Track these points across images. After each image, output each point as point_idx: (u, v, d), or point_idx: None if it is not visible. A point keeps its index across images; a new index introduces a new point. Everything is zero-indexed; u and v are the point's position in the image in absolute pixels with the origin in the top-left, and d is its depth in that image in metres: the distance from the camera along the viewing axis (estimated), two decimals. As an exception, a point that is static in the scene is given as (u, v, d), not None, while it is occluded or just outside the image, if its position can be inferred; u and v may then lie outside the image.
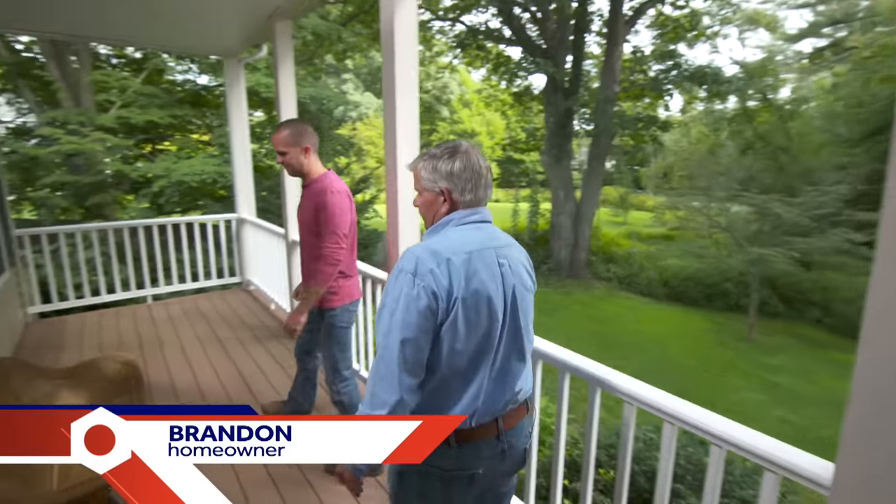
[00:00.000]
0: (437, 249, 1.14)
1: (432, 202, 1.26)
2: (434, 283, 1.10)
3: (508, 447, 1.26)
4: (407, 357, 1.10)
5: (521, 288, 1.23)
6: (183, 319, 4.68)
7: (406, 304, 1.10)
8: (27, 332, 4.30)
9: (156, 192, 8.75)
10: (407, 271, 1.12)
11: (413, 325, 1.10)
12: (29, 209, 10.57)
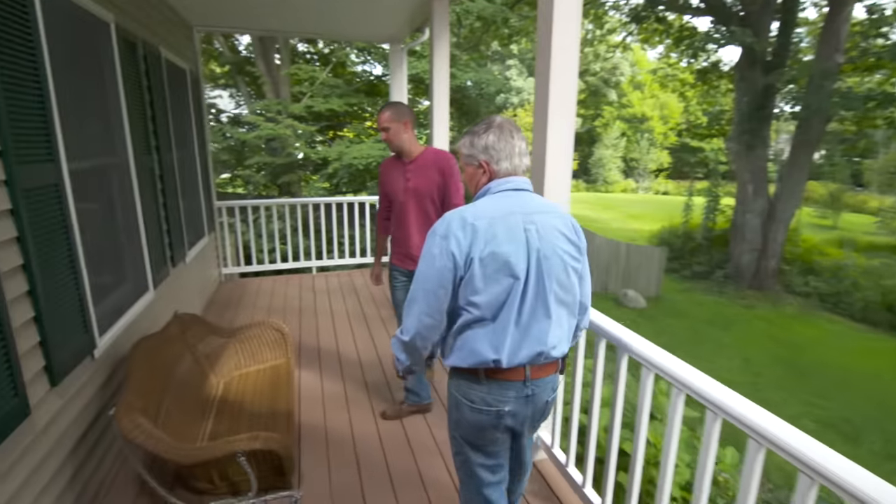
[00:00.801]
0: (465, 215, 1.31)
1: (473, 175, 1.44)
2: (455, 245, 1.27)
3: (532, 394, 1.39)
4: (429, 302, 1.33)
5: (551, 252, 1.33)
6: (338, 292, 5.03)
7: (431, 261, 1.31)
8: (218, 289, 5.06)
9: (330, 174, 9.73)
10: (437, 234, 1.32)
11: (434, 279, 1.31)
12: (239, 184, 12.68)
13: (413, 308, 1.37)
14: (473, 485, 1.52)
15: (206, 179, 4.85)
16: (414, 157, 2.54)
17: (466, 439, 1.46)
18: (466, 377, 1.38)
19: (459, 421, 1.44)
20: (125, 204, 2.75)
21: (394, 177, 2.59)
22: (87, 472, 2.03)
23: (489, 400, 1.36)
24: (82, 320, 2.02)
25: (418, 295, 1.35)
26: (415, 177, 2.51)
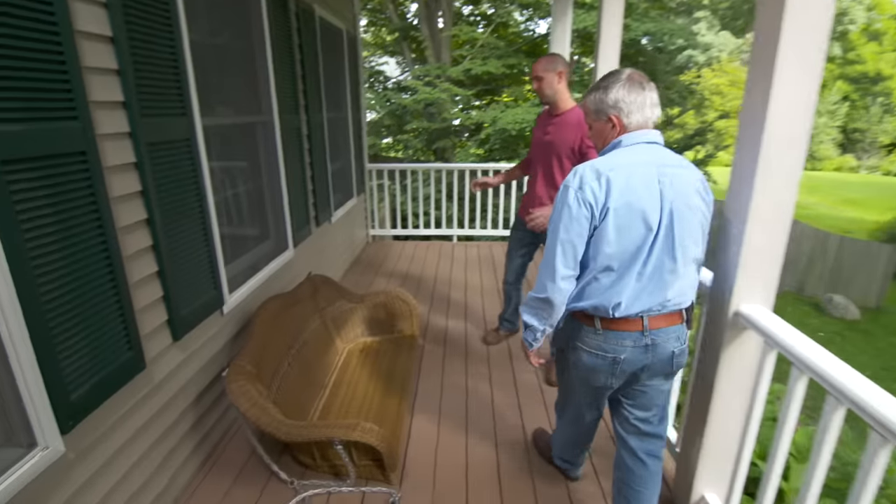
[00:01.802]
0: (599, 167, 1.33)
1: (602, 130, 1.44)
2: (591, 195, 1.30)
3: (652, 344, 1.40)
4: (565, 253, 1.36)
5: (683, 206, 1.32)
6: (475, 264, 4.78)
7: (567, 213, 1.33)
8: (364, 250, 5.20)
9: (482, 139, 9.46)
10: (570, 186, 1.34)
11: (571, 229, 1.34)
12: (399, 148, 13.24)
13: (550, 262, 1.38)
14: (572, 419, 1.71)
15: (358, 141, 4.93)
16: (561, 112, 2.47)
17: (578, 378, 1.54)
18: (583, 323, 1.44)
19: (576, 363, 1.50)
20: (267, 163, 2.78)
21: (539, 129, 2.59)
22: (208, 424, 2.09)
23: (605, 347, 1.41)
24: (211, 277, 2.03)
25: (555, 247, 1.36)
26: (554, 131, 2.47)
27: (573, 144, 2.40)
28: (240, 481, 1.98)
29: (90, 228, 1.38)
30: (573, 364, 1.52)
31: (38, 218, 1.21)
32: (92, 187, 1.38)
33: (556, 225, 1.36)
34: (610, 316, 1.37)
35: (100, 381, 1.41)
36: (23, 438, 1.22)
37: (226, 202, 2.39)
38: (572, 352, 1.50)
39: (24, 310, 1.17)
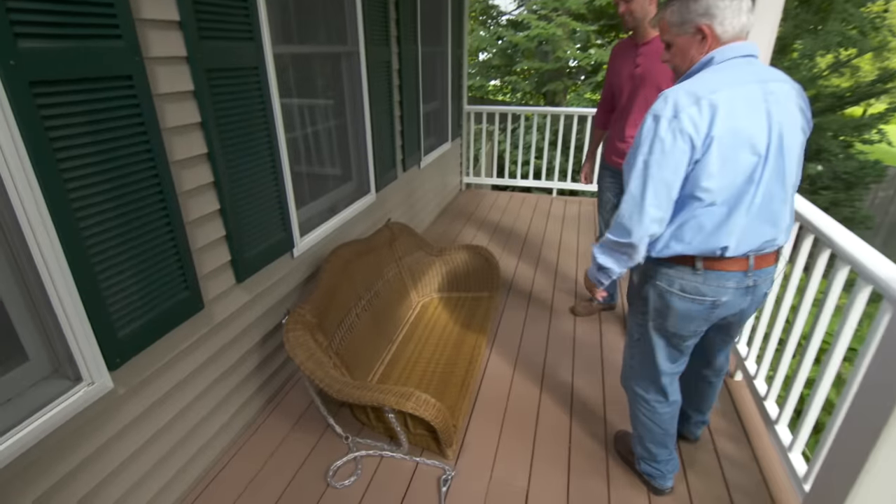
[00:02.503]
0: (695, 90, 1.14)
1: (687, 46, 1.24)
2: (690, 124, 1.12)
3: (753, 286, 1.30)
4: (657, 193, 1.18)
5: (789, 125, 1.18)
6: (573, 223, 4.34)
7: (660, 147, 1.15)
8: (455, 199, 4.98)
9: (599, 81, 8.51)
10: (662, 116, 1.14)
11: (664, 166, 1.15)
12: (507, 91, 12.55)
13: (637, 202, 1.21)
14: (650, 374, 1.51)
15: (457, 81, 4.59)
16: (649, 39, 2.15)
17: (663, 329, 1.40)
18: (678, 267, 1.29)
19: (661, 311, 1.36)
20: (351, 99, 2.60)
21: (621, 62, 2.27)
22: (272, 367, 2.07)
23: (704, 290, 1.29)
24: (280, 218, 1.94)
25: (644, 186, 1.19)
26: (646, 62, 2.14)
27: (672, 75, 1.96)
28: (299, 427, 1.96)
29: (139, 161, 1.29)
30: (657, 312, 1.38)
31: (75, 147, 1.13)
32: (141, 116, 1.27)
33: (646, 160, 1.18)
34: (718, 256, 1.24)
35: (151, 321, 1.37)
36: (70, 372, 1.21)
37: (301, 140, 2.26)
38: (658, 299, 1.35)
39: (62, 242, 1.11)
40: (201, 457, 1.70)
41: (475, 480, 1.72)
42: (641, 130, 1.18)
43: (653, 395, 1.53)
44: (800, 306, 1.74)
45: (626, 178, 1.23)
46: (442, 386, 2.04)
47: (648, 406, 1.55)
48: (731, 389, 2.20)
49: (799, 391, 1.73)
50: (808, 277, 1.71)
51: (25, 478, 1.12)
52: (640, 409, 1.57)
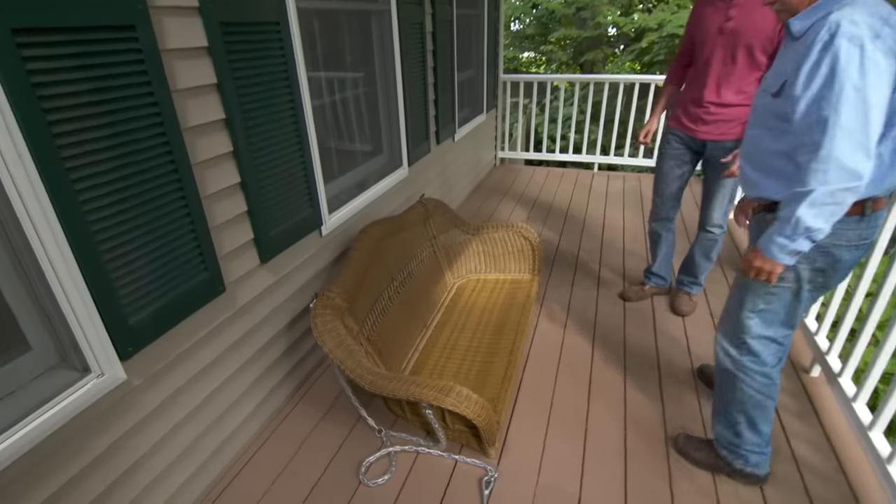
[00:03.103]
0: (876, 10, 1.07)
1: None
2: (891, 44, 1.05)
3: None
4: (878, 122, 1.07)
5: None
6: (618, 199, 4.06)
7: (875, 69, 1.04)
8: (490, 174, 4.74)
9: (643, 49, 7.98)
10: (862, 36, 1.04)
11: (880, 88, 1.05)
12: (541, 62, 12.04)
13: (860, 135, 1.06)
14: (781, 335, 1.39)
15: (493, 47, 4.30)
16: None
17: (822, 288, 1.32)
18: (846, 217, 1.18)
19: (825, 269, 1.28)
20: (382, 64, 2.40)
21: (710, 11, 1.95)
22: (301, 351, 1.95)
23: (866, 234, 1.23)
24: (307, 193, 1.78)
25: (867, 115, 1.05)
26: (741, 14, 1.85)
27: (771, 32, 1.81)
28: (330, 417, 1.84)
29: (146, 125, 1.13)
30: (818, 272, 1.27)
31: (69, 108, 0.98)
32: (147, 74, 1.11)
33: (858, 86, 1.05)
34: (880, 195, 1.18)
35: (166, 306, 1.24)
36: (77, 362, 1.10)
37: (329, 108, 2.08)
38: (823, 257, 1.25)
39: (60, 217, 0.98)
40: (226, 449, 1.59)
41: (521, 483, 1.56)
42: (838, 58, 1.06)
43: (774, 359, 1.42)
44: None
45: (821, 116, 1.09)
46: (482, 377, 1.87)
47: (768, 378, 1.43)
48: (808, 387, 1.95)
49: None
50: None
51: (30, 478, 1.01)
52: (755, 386, 1.44)
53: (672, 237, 2.47)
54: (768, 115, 1.27)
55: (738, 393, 1.46)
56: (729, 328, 1.45)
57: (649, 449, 1.68)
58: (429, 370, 1.94)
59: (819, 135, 1.09)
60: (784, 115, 1.21)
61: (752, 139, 1.34)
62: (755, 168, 1.35)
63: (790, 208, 1.15)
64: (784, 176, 1.26)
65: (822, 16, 1.13)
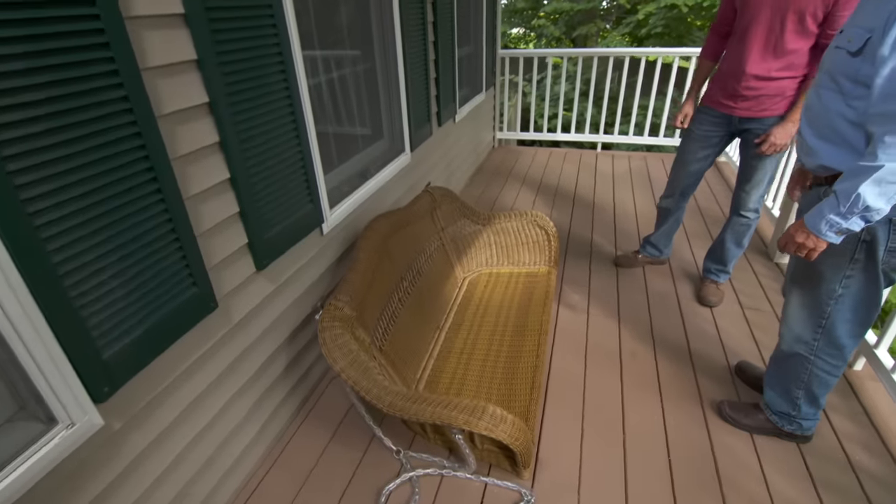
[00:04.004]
0: None
1: None
2: None
3: None
4: None
5: None
6: (625, 180, 3.87)
7: None
8: (490, 156, 4.52)
9: (639, 21, 7.71)
10: None
11: None
12: (531, 39, 11.69)
13: None
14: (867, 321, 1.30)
15: (492, 21, 4.03)
16: None
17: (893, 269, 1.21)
18: None
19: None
20: (380, 37, 2.15)
21: None
22: (305, 364, 1.75)
23: None
24: (305, 187, 1.56)
25: None
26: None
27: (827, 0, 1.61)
28: (340, 437, 1.65)
29: (112, 113, 0.91)
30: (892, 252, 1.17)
31: (16, 92, 0.75)
32: (109, 48, 0.88)
33: None
34: None
35: (148, 333, 1.03)
36: (39, 412, 0.89)
37: (326, 89, 1.85)
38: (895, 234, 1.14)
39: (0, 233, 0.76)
40: (226, 483, 1.40)
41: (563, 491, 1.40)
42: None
43: (852, 343, 1.35)
44: None
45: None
46: (508, 385, 1.70)
47: (843, 361, 1.39)
48: (853, 383, 1.81)
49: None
50: None
51: (-14, 562, 0.81)
52: (825, 367, 1.40)
53: (681, 215, 2.40)
54: (842, 76, 1.11)
55: (805, 375, 1.43)
56: (805, 315, 1.37)
57: (693, 459, 1.53)
58: (447, 381, 1.76)
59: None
60: (863, 78, 1.05)
61: (819, 102, 1.18)
62: (818, 135, 1.20)
63: (852, 182, 1.04)
64: (850, 145, 1.12)
65: None
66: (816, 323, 1.35)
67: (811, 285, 1.33)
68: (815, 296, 1.33)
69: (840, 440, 1.60)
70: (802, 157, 1.29)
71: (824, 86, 1.18)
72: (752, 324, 2.17)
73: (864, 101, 1.07)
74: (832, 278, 1.27)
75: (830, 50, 1.19)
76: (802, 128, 1.27)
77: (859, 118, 1.09)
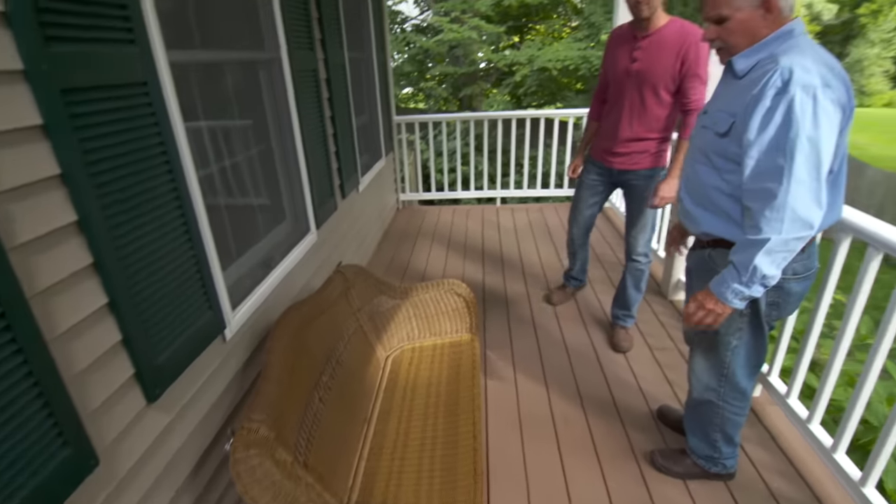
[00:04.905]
0: (823, 58, 1.10)
1: (748, 20, 1.16)
2: (838, 93, 1.07)
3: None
4: (822, 177, 1.08)
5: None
6: (527, 233, 4.07)
7: (826, 119, 1.06)
8: (395, 219, 4.51)
9: (517, 82, 8.46)
10: (815, 86, 1.05)
11: (831, 138, 1.07)
12: (420, 99, 12.25)
13: (814, 186, 1.07)
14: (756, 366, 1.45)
15: (384, 89, 4.13)
16: (653, 31, 1.98)
17: (776, 318, 1.36)
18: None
19: (778, 302, 1.32)
20: (274, 118, 2.06)
21: (619, 53, 2.10)
22: (213, 497, 1.50)
23: (809, 264, 1.28)
24: (202, 294, 1.38)
25: (819, 166, 1.07)
26: (645, 56, 2.01)
27: (672, 72, 1.97)
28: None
29: (-61, 259, 0.71)
30: (773, 305, 1.32)
31: None
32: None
33: (812, 137, 1.05)
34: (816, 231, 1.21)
35: (-1, 526, 0.79)
36: None
37: (220, 178, 1.70)
38: (774, 291, 1.27)
39: None
40: None
41: None
42: (792, 107, 1.05)
43: (751, 384, 1.49)
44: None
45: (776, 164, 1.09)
46: (449, 476, 1.59)
47: (745, 399, 1.52)
48: (756, 409, 1.98)
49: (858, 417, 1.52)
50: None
51: None
52: (733, 409, 1.52)
53: (587, 253, 2.74)
54: (713, 153, 1.25)
55: (718, 419, 1.54)
56: (708, 365, 1.50)
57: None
58: (383, 484, 1.60)
59: (773, 183, 1.09)
60: (732, 156, 1.20)
61: (695, 175, 1.32)
62: (697, 204, 1.34)
63: (746, 255, 1.15)
64: (727, 214, 1.27)
65: (766, 56, 1.15)
66: (719, 373, 1.49)
67: (710, 342, 1.47)
68: (715, 349, 1.46)
69: (758, 470, 1.72)
70: (684, 221, 1.42)
71: (699, 161, 1.31)
72: (663, 365, 2.31)
73: (735, 174, 1.21)
74: (727, 333, 1.41)
75: (699, 129, 1.35)
76: (682, 195, 1.40)
77: (733, 191, 1.23)
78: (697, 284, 1.39)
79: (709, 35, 1.23)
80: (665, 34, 1.97)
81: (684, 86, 1.98)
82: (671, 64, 1.96)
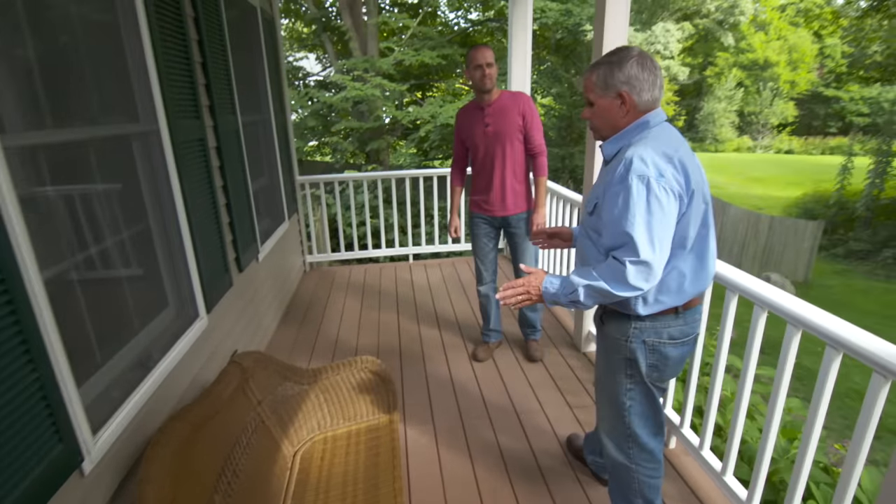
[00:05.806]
0: (662, 150, 1.23)
1: (608, 108, 1.33)
2: (675, 182, 1.21)
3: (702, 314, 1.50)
4: (664, 249, 1.23)
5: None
6: (441, 288, 4.02)
7: (658, 206, 1.19)
8: (302, 282, 4.25)
9: (422, 137, 8.69)
10: (650, 176, 1.20)
11: (665, 222, 1.21)
12: (326, 152, 12.13)
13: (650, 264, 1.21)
14: (654, 425, 1.50)
15: (285, 151, 3.97)
16: (493, 101, 2.46)
17: (660, 381, 1.44)
18: (661, 317, 1.37)
19: (657, 364, 1.41)
20: (152, 195, 1.84)
21: (471, 123, 2.53)
22: None
23: (687, 330, 1.39)
24: (49, 423, 1.10)
25: (653, 246, 1.21)
26: (495, 121, 2.46)
27: (519, 125, 2.45)
28: None
29: None
30: (653, 367, 1.41)
31: None
32: None
33: (647, 221, 1.20)
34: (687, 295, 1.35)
35: None
36: None
37: (76, 270, 1.43)
38: (651, 354, 1.39)
39: None
40: None
41: None
42: (630, 192, 1.20)
43: (656, 445, 1.52)
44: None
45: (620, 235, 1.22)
46: None
47: (658, 463, 1.54)
48: (672, 461, 2.02)
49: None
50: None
51: None
52: (646, 472, 1.54)
53: (498, 307, 2.87)
54: (589, 228, 1.43)
55: (636, 484, 1.55)
56: (612, 428, 1.54)
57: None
58: None
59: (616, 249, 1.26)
60: (598, 229, 1.36)
61: (581, 247, 1.48)
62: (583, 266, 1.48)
63: (577, 278, 1.30)
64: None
65: (625, 145, 1.32)
66: (625, 434, 1.52)
67: (609, 403, 1.53)
68: (615, 409, 1.51)
69: (685, 530, 1.71)
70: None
71: (584, 235, 1.47)
72: (583, 423, 2.30)
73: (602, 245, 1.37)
74: (619, 392, 1.47)
75: (583, 212, 1.54)
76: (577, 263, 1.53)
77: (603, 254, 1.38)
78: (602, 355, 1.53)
79: (584, 114, 1.41)
80: (504, 101, 2.46)
81: (530, 134, 2.48)
82: (516, 120, 2.44)
